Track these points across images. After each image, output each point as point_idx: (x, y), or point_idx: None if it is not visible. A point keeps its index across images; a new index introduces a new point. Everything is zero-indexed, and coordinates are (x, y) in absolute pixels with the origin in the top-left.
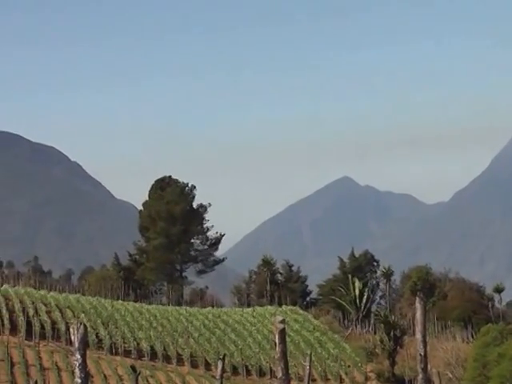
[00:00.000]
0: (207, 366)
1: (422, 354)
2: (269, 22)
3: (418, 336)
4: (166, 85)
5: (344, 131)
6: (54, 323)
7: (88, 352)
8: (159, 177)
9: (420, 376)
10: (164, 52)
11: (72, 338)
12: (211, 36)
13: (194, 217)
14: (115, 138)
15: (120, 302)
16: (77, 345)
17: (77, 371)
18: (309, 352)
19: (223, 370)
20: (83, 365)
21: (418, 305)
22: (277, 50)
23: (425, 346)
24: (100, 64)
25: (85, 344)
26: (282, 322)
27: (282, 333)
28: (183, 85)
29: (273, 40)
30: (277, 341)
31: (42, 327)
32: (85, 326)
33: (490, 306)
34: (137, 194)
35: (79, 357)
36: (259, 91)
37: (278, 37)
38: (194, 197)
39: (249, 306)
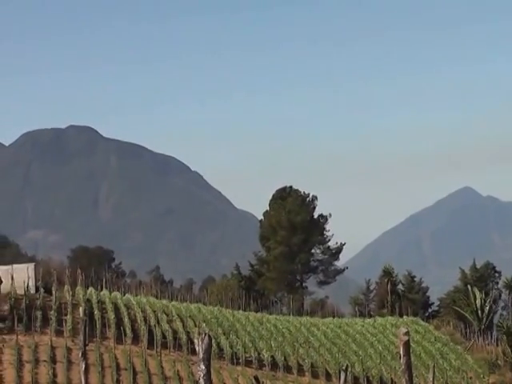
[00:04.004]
0: (328, 376)
1: None
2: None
3: None
4: (286, 95)
5: (465, 141)
6: (175, 332)
7: None
8: (279, 187)
9: None
10: (289, 63)
11: (196, 348)
12: (333, 49)
13: (315, 227)
14: (235, 148)
15: (241, 311)
16: (201, 355)
17: (201, 381)
18: (431, 363)
19: (346, 381)
20: (208, 375)
21: None
22: (396, 61)
23: None
24: (219, 74)
25: (209, 354)
26: (407, 334)
27: (407, 345)
28: (305, 95)
29: (388, 50)
30: (401, 353)
31: (164, 336)
32: (209, 336)
33: None
34: (257, 204)
35: (204, 367)
36: (379, 102)
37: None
38: (314, 207)
39: (370, 316)
